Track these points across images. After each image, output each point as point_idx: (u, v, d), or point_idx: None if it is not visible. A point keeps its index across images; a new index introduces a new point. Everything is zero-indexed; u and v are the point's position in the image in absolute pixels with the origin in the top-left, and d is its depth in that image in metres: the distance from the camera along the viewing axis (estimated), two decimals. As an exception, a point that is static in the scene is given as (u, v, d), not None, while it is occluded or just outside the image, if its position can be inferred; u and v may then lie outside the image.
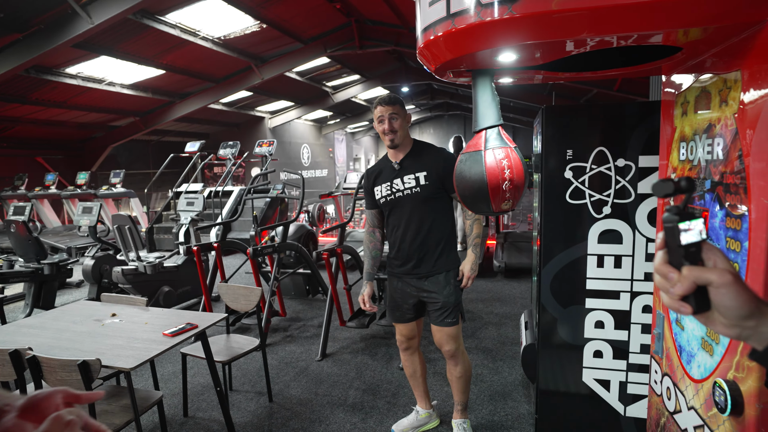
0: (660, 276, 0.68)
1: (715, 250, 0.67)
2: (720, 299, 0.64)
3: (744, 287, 0.65)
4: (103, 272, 5.01)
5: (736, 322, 0.65)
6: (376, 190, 2.43)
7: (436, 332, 2.39)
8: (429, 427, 2.70)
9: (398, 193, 2.35)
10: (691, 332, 1.40)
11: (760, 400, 1.08)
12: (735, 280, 0.64)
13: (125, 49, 7.27)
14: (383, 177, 2.41)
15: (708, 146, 1.28)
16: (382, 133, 2.33)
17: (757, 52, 1.07)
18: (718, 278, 0.63)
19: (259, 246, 4.02)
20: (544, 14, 1.07)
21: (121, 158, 12.10)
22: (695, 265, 0.65)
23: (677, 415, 1.50)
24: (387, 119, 2.29)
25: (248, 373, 3.45)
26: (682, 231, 0.64)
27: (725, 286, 0.63)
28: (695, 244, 0.65)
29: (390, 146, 2.34)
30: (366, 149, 22.45)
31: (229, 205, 7.17)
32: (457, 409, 2.57)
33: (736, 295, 0.64)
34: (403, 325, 2.50)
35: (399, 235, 2.38)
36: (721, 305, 0.65)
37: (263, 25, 7.59)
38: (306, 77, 11.02)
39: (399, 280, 2.44)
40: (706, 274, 0.64)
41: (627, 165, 2.18)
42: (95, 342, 2.29)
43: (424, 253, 2.34)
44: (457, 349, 2.41)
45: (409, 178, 2.32)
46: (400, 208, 2.37)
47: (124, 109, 9.85)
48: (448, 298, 2.33)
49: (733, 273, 0.65)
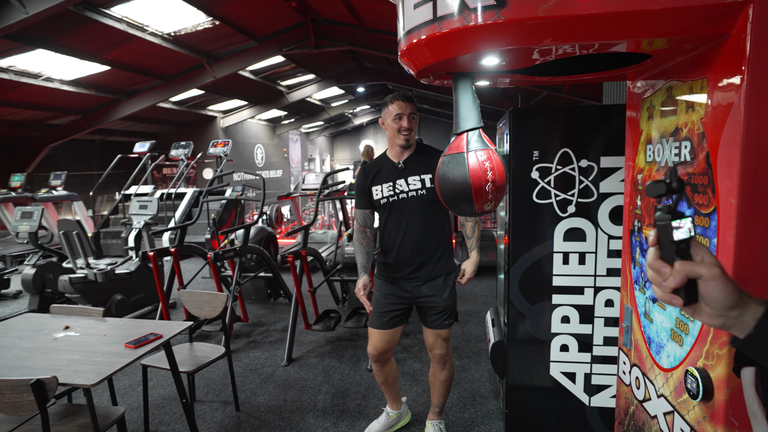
0: (653, 271, 0.74)
1: (702, 246, 0.73)
2: (708, 291, 0.70)
3: (729, 280, 0.71)
4: (46, 281, 4.70)
5: (721, 312, 0.71)
6: (375, 189, 2.32)
7: (431, 335, 2.36)
8: (401, 425, 2.72)
9: (402, 195, 2.27)
10: (660, 324, 1.48)
11: (729, 385, 1.16)
12: (722, 274, 0.70)
13: (65, 43, 6.82)
14: (383, 176, 2.31)
15: (675, 149, 1.36)
16: (396, 130, 2.24)
17: (723, 61, 1.14)
18: (708, 272, 0.69)
19: (219, 250, 3.89)
20: (531, 20, 1.10)
21: (61, 159, 11.35)
22: (686, 260, 0.71)
23: (646, 403, 1.58)
24: (407, 117, 2.21)
25: (212, 382, 3.33)
26: (674, 229, 0.70)
27: (714, 279, 0.69)
28: (685, 241, 0.71)
29: (403, 146, 2.27)
30: (321, 149, 22.26)
31: (182, 207, 6.90)
32: (434, 410, 2.57)
33: (722, 287, 0.70)
34: (379, 334, 2.38)
35: (399, 239, 2.29)
36: (709, 297, 0.71)
37: (216, 21, 7.35)
38: (260, 76, 10.78)
39: (392, 285, 2.36)
40: (697, 268, 0.70)
41: (590, 165, 2.27)
42: (48, 358, 2.13)
43: (426, 258, 2.28)
44: (448, 353, 2.40)
45: (414, 179, 2.26)
46: (400, 209, 2.29)
47: (63, 106, 9.24)
48: (447, 301, 2.32)
49: (721, 267, 0.70)
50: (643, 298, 1.60)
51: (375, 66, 12.17)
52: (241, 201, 6.87)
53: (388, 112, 2.26)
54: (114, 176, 9.85)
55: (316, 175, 8.00)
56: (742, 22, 1.07)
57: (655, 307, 1.51)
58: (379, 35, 8.46)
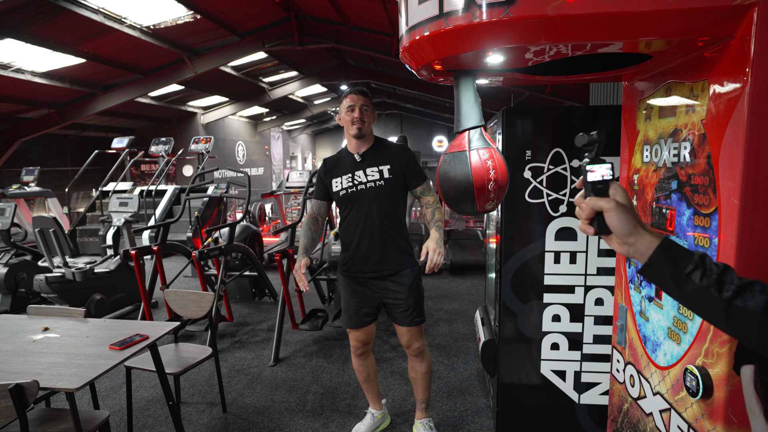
0: (577, 206, 0.91)
1: (618, 187, 0.87)
2: (609, 221, 0.86)
3: (626, 212, 0.85)
4: (20, 281, 4.53)
5: (623, 240, 0.86)
6: (335, 182, 2.35)
7: (405, 333, 2.38)
8: (383, 426, 2.72)
9: (360, 186, 2.30)
10: (657, 323, 1.49)
11: (729, 383, 1.18)
12: (618, 206, 0.85)
13: (37, 33, 6.57)
14: (342, 168, 2.35)
15: (674, 149, 1.37)
16: (349, 122, 2.28)
17: (726, 63, 1.16)
18: (606, 204, 0.85)
19: (204, 248, 3.81)
20: (540, 18, 1.09)
21: (33, 154, 10.98)
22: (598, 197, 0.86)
23: (641, 401, 1.60)
24: (358, 108, 2.27)
25: (197, 384, 3.26)
26: (588, 171, 0.88)
27: (610, 210, 0.85)
28: (602, 182, 0.87)
29: (356, 135, 2.29)
30: (303, 147, 22.08)
31: (163, 205, 6.74)
32: (420, 407, 2.58)
33: (617, 217, 0.84)
34: (359, 330, 2.45)
35: (358, 232, 2.32)
36: (611, 226, 0.86)
37: (197, 15, 7.20)
38: (242, 72, 10.63)
39: (358, 283, 2.38)
40: (599, 202, 0.86)
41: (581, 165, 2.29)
42: (27, 361, 2.04)
43: (386, 249, 2.31)
44: (424, 344, 2.44)
45: (372, 170, 2.29)
46: (359, 201, 2.31)
47: (35, 99, 8.93)
48: (410, 296, 2.33)
49: (618, 201, 0.85)
50: (639, 297, 1.62)
51: (358, 64, 12.13)
52: (224, 199, 6.76)
53: (342, 105, 2.33)
54: (90, 172, 9.60)
55: (300, 173, 7.91)
56: (746, 24, 1.08)
57: (651, 305, 1.53)
58: (363, 33, 8.42)
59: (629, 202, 0.86)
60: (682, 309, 1.35)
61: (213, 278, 4.69)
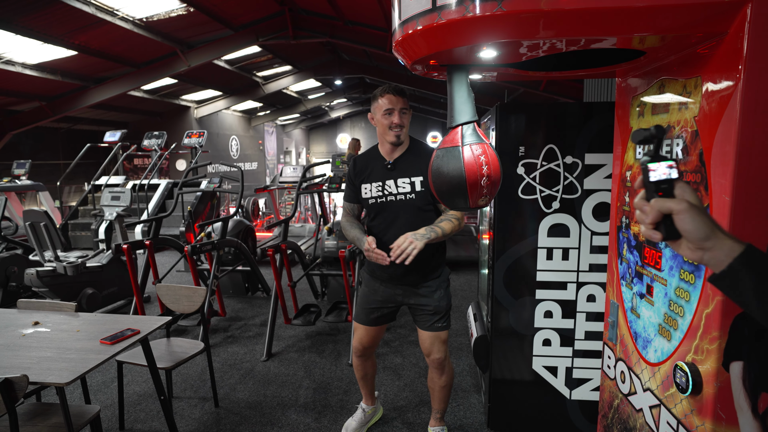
0: (638, 210, 0.80)
1: (686, 186, 0.77)
2: (680, 224, 0.75)
3: (700, 214, 0.75)
4: (10, 275, 4.49)
5: (697, 245, 0.76)
6: (364, 188, 2.20)
7: (427, 338, 2.25)
8: (375, 419, 2.73)
9: (390, 197, 2.14)
10: (648, 319, 1.50)
11: (718, 379, 1.18)
12: (690, 207, 0.75)
13: (27, 24, 6.46)
14: (373, 174, 2.18)
15: (667, 146, 1.37)
16: (386, 126, 2.08)
17: (719, 60, 1.16)
18: (676, 205, 0.75)
19: (197, 243, 3.79)
20: (533, 13, 1.09)
21: (24, 147, 10.86)
22: (664, 198, 0.76)
23: (632, 397, 1.61)
24: (398, 113, 2.06)
25: (189, 378, 3.24)
26: (650, 171, 0.78)
27: (682, 212, 0.75)
28: (667, 181, 0.77)
29: (394, 143, 2.11)
30: (297, 142, 21.99)
31: (155, 199, 6.70)
32: (435, 416, 2.52)
33: (691, 220, 0.74)
34: (365, 330, 2.33)
35: (385, 242, 2.12)
36: (683, 229, 0.75)
37: (190, 8, 7.12)
38: (235, 66, 10.53)
39: (381, 283, 2.26)
40: (668, 203, 0.76)
41: (574, 162, 2.30)
42: (16, 356, 2.03)
43: (414, 265, 2.03)
44: (446, 357, 2.30)
45: (403, 181, 2.12)
46: (388, 212, 2.16)
47: (26, 92, 8.82)
48: (439, 302, 2.22)
49: (690, 201, 0.75)
50: (630, 293, 1.63)
51: (353, 59, 12.07)
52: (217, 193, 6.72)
53: (377, 106, 2.10)
54: (82, 166, 9.51)
55: (294, 168, 7.88)
56: (739, 21, 1.08)
57: (643, 302, 1.54)
58: (357, 28, 8.37)
59: (700, 203, 0.77)
60: (672, 306, 1.35)
61: (206, 273, 4.67)
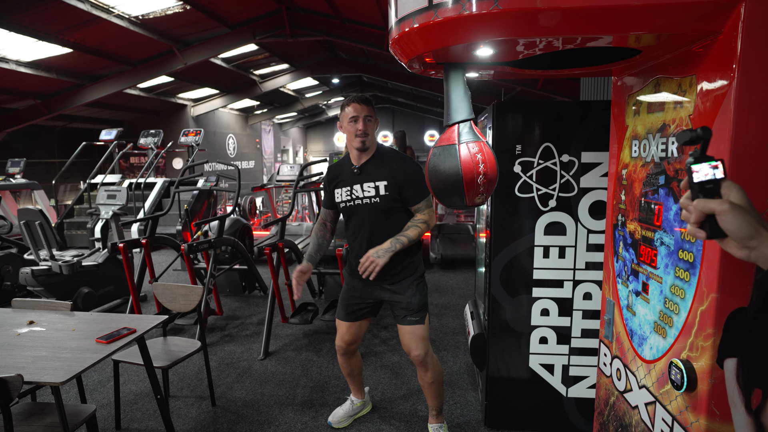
0: (683, 209, 0.83)
1: (732, 186, 0.78)
2: (723, 224, 0.77)
3: (743, 213, 0.76)
4: (5, 274, 4.47)
5: (743, 243, 0.76)
6: (336, 192, 2.33)
7: (404, 334, 2.31)
8: (363, 413, 2.77)
9: (357, 201, 2.25)
10: (643, 317, 1.51)
11: (712, 376, 1.19)
12: (732, 207, 0.76)
13: (21, 21, 6.42)
14: (343, 179, 2.30)
15: (662, 145, 1.38)
16: (352, 134, 2.18)
17: (713, 59, 1.16)
18: (718, 206, 0.76)
19: (194, 242, 3.78)
20: (529, 11, 1.09)
21: (19, 145, 10.80)
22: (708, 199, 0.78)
23: (627, 394, 1.62)
24: (362, 120, 2.17)
25: (186, 377, 3.24)
26: (693, 172, 0.79)
27: (724, 212, 0.76)
28: (712, 182, 0.78)
29: (359, 149, 2.20)
30: (294, 141, 21.96)
31: (152, 198, 6.68)
32: (432, 414, 2.53)
33: (734, 219, 0.75)
34: (346, 326, 2.42)
35: (357, 243, 2.29)
36: (727, 229, 0.77)
37: (187, 6, 7.09)
38: (232, 64, 10.50)
39: (359, 281, 2.32)
40: (710, 204, 0.77)
41: (571, 160, 2.30)
42: (11, 355, 2.02)
43: (382, 271, 2.11)
44: (426, 354, 2.31)
45: (368, 185, 2.22)
46: (358, 215, 2.28)
47: (21, 90, 8.77)
48: (411, 299, 2.26)
49: (732, 202, 0.76)
50: (626, 291, 1.63)
51: (350, 57, 12.05)
52: (214, 192, 6.71)
53: (344, 114, 2.21)
54: (78, 164, 9.47)
55: (291, 167, 7.87)
56: (733, 20, 1.08)
57: (638, 300, 1.54)
58: (355, 26, 8.36)
59: (747, 202, 0.77)
60: (668, 303, 1.36)
61: (202, 272, 4.66)
